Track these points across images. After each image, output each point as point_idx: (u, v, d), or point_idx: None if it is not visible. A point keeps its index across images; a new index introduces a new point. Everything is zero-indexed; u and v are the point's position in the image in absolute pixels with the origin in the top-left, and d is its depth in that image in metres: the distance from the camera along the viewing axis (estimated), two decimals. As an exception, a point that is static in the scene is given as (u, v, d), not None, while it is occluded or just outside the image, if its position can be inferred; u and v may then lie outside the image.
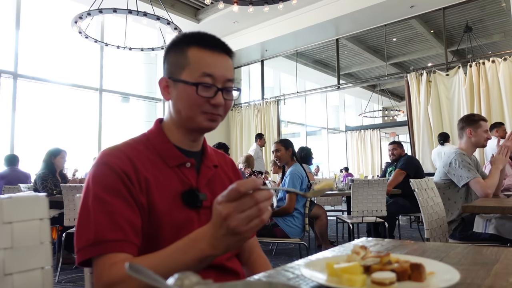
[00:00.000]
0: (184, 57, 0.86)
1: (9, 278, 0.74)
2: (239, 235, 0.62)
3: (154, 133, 0.91)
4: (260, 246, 1.08)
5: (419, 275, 0.61)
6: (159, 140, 0.89)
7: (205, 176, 0.91)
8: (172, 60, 0.89)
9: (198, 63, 0.85)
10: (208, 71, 0.84)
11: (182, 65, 0.86)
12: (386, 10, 6.68)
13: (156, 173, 0.84)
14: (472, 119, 2.58)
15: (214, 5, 6.96)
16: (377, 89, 12.96)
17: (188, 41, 0.87)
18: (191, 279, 0.50)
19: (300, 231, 3.08)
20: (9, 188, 4.14)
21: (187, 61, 0.86)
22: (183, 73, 0.86)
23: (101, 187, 0.77)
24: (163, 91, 0.90)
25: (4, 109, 5.82)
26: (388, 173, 4.70)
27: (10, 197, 0.76)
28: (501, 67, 5.55)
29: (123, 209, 0.76)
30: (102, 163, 0.80)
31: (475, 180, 2.40)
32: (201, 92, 0.84)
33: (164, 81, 0.90)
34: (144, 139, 0.89)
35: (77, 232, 0.76)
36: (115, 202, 0.76)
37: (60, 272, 3.43)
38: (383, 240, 1.02)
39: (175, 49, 0.89)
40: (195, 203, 0.86)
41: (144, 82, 8.51)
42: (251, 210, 0.60)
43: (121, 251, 0.73)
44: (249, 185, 0.60)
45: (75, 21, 4.71)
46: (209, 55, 0.86)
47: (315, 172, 9.27)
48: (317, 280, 0.61)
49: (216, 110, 0.86)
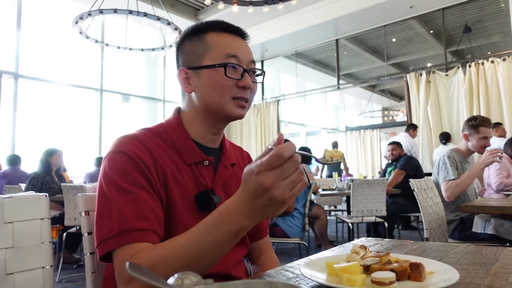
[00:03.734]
0: (202, 43, 0.82)
1: (10, 277, 0.74)
2: (283, 203, 0.57)
3: (172, 125, 0.85)
4: (272, 247, 1.05)
5: (419, 275, 0.61)
6: (178, 134, 0.84)
7: (222, 177, 0.87)
8: (188, 50, 0.84)
9: (220, 45, 0.81)
10: (232, 52, 0.80)
11: (202, 52, 0.82)
12: (385, 10, 6.68)
13: (173, 168, 0.80)
14: (471, 124, 2.45)
15: (214, 6, 6.97)
16: (377, 89, 12.96)
17: (204, 28, 0.84)
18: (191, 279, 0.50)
19: (300, 231, 3.09)
20: (10, 187, 4.15)
21: (207, 46, 0.82)
22: (204, 60, 0.81)
23: (119, 176, 0.72)
24: (183, 83, 0.84)
25: (5, 109, 5.82)
26: (388, 173, 4.71)
27: (11, 197, 0.77)
28: (500, 67, 5.55)
29: (147, 198, 0.72)
30: (120, 152, 0.75)
31: (445, 182, 2.40)
32: (229, 74, 0.79)
33: (183, 73, 0.84)
34: (162, 131, 0.84)
35: (97, 223, 0.71)
36: (138, 191, 0.72)
37: (61, 272, 3.44)
38: (382, 240, 1.02)
39: (190, 39, 0.85)
40: (208, 206, 0.82)
41: (145, 82, 8.51)
42: (294, 175, 0.56)
43: (144, 241, 0.69)
44: (291, 148, 0.55)
45: (75, 22, 4.71)
46: (229, 37, 0.83)
47: (315, 172, 9.26)
48: (316, 279, 0.61)
49: (245, 93, 0.82)
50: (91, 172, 5.45)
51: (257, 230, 0.99)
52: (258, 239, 1.00)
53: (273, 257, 1.02)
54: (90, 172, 5.45)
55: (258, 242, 1.01)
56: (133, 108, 8.14)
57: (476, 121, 2.44)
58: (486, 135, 2.42)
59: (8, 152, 5.60)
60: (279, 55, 9.07)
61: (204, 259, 0.64)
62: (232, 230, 0.61)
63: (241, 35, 0.86)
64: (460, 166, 2.47)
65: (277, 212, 0.59)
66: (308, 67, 10.52)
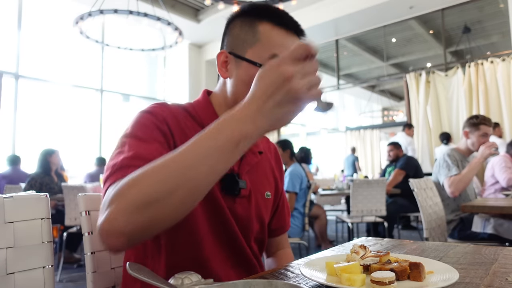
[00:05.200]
0: (253, 32, 0.77)
1: (11, 277, 0.74)
2: (299, 100, 0.53)
3: (201, 104, 0.82)
4: (289, 243, 1.05)
5: (419, 275, 0.61)
6: (206, 112, 0.81)
7: (249, 163, 0.84)
8: (237, 33, 0.79)
9: (269, 42, 0.76)
10: (278, 53, 0.75)
11: (250, 41, 0.77)
12: (385, 11, 6.68)
13: None
14: (472, 121, 2.51)
15: (214, 6, 6.96)
16: (377, 89, 12.96)
17: (260, 14, 0.78)
18: (191, 279, 0.51)
19: (300, 231, 3.09)
20: (10, 187, 4.15)
21: (257, 37, 0.76)
22: (248, 51, 0.77)
23: (138, 128, 0.71)
24: (221, 66, 0.80)
25: (6, 110, 5.82)
26: (388, 173, 4.71)
27: (12, 197, 0.77)
28: (500, 68, 5.56)
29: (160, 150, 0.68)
30: (146, 111, 0.74)
31: (448, 178, 2.42)
32: None
33: (223, 56, 0.79)
34: (190, 108, 0.81)
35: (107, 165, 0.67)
36: (154, 145, 0.69)
37: (62, 271, 3.44)
38: (382, 240, 1.03)
39: (242, 21, 0.80)
40: (233, 190, 0.79)
41: (145, 82, 8.51)
42: (314, 77, 0.54)
43: None
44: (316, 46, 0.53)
45: (76, 22, 4.72)
46: (282, 35, 0.77)
47: (315, 172, 9.26)
48: (317, 279, 0.61)
49: None
50: (92, 172, 5.45)
51: (280, 225, 1.00)
52: (278, 234, 1.01)
53: (289, 253, 1.02)
54: (91, 172, 5.44)
55: (277, 237, 1.01)
56: (133, 108, 8.15)
57: (477, 119, 2.50)
58: (486, 133, 2.47)
59: (8, 152, 5.60)
60: (279, 55, 9.05)
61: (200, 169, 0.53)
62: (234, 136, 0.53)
63: (298, 32, 0.80)
64: (461, 164, 2.49)
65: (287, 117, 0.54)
66: (308, 67, 10.51)
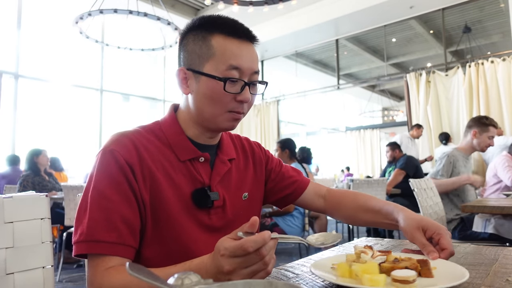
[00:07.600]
0: (207, 46, 0.77)
1: (10, 277, 0.74)
2: None
3: (167, 123, 0.83)
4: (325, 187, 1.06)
5: (429, 271, 0.61)
6: (172, 131, 0.82)
7: (219, 173, 0.85)
8: (191, 48, 0.79)
9: (224, 54, 0.76)
10: (235, 63, 0.75)
11: (206, 55, 0.77)
12: (385, 10, 6.68)
13: (166, 166, 0.78)
14: (483, 121, 2.54)
15: (214, 6, 6.97)
16: (377, 89, 12.96)
17: (211, 27, 0.78)
18: (191, 279, 0.50)
19: (300, 231, 3.09)
20: (10, 187, 4.15)
21: (212, 51, 0.77)
22: (206, 65, 0.77)
23: (103, 177, 0.73)
24: (181, 83, 0.81)
25: (5, 109, 5.82)
26: (388, 173, 4.71)
27: (12, 197, 0.77)
28: (500, 68, 5.55)
29: (122, 207, 0.72)
30: (109, 151, 0.75)
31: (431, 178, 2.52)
32: (229, 88, 0.76)
33: (182, 73, 0.80)
34: (157, 128, 0.83)
35: (75, 222, 0.73)
36: (115, 198, 0.72)
37: (61, 272, 3.44)
38: (382, 240, 1.03)
39: (195, 35, 0.79)
40: (205, 203, 0.80)
41: (145, 82, 8.51)
42: (256, 265, 0.56)
43: (115, 255, 0.70)
44: (258, 243, 0.55)
45: (76, 22, 4.71)
46: (236, 45, 0.77)
47: (315, 172, 9.26)
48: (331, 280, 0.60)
49: (241, 107, 0.79)
50: (92, 172, 5.45)
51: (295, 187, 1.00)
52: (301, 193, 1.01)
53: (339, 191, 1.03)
54: (91, 172, 5.44)
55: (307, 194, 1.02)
56: (133, 108, 8.15)
57: (487, 120, 2.55)
58: (493, 135, 2.52)
59: (8, 152, 5.60)
60: (279, 55, 9.06)
61: None
62: None
63: (250, 39, 0.80)
64: (463, 164, 2.50)
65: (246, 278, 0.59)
66: (308, 67, 10.52)
